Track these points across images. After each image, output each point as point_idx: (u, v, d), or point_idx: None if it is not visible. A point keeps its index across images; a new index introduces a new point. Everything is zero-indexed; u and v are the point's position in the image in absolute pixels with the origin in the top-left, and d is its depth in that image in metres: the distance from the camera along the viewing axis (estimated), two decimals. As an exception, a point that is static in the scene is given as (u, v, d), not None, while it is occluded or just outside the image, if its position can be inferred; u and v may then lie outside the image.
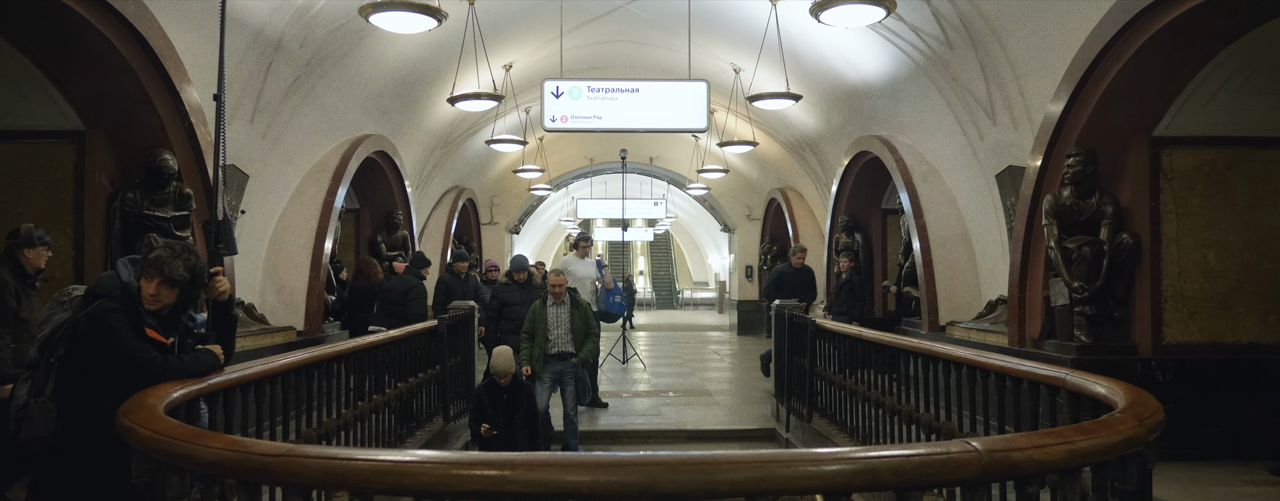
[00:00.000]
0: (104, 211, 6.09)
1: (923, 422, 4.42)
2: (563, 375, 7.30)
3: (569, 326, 7.37)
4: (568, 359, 7.30)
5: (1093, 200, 6.37)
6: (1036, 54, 6.89)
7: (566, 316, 7.40)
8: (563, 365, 7.29)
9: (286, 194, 9.12)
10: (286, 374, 3.78)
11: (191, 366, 3.01)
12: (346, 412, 4.06)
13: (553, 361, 7.28)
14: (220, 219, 3.32)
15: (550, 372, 7.27)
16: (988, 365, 3.74)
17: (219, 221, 3.30)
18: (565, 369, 7.30)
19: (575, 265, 9.41)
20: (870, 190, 11.72)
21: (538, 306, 7.38)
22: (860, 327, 6.16)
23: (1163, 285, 6.30)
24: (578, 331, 7.37)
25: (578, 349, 7.34)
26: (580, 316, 7.43)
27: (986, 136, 8.17)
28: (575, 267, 9.35)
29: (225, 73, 3.44)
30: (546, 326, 7.31)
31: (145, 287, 2.98)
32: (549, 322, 7.33)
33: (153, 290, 2.97)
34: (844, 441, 6.06)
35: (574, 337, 7.35)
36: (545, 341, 7.27)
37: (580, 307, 7.49)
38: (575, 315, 7.42)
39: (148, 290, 2.98)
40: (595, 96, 7.96)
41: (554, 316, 7.38)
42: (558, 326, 7.34)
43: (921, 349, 4.64)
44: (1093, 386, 2.73)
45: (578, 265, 9.43)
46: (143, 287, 2.98)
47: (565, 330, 7.34)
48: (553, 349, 7.28)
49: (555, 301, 7.40)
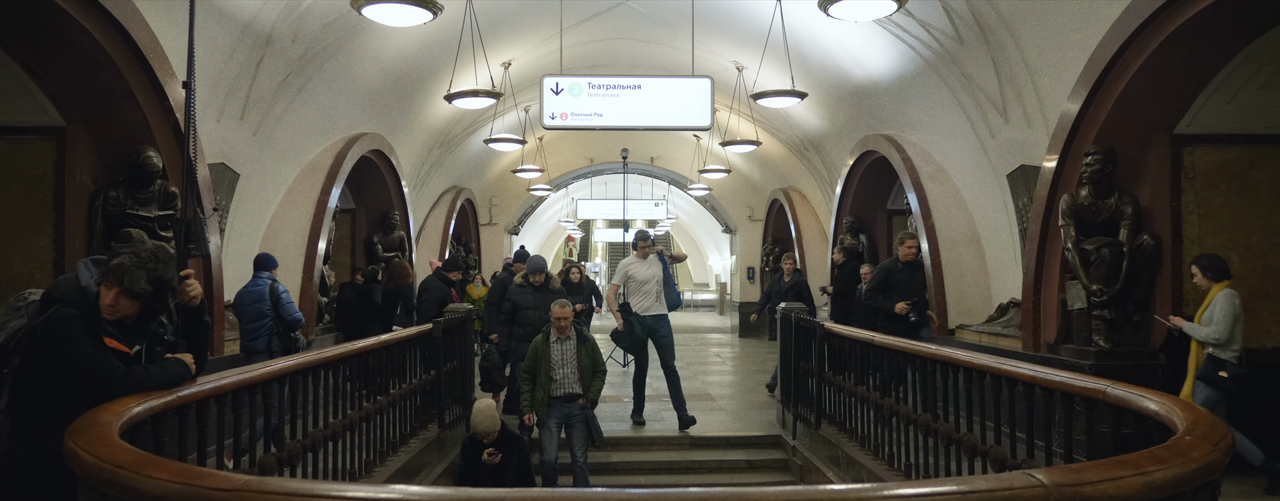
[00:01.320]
0: (86, 210, 5.87)
1: (942, 434, 4.20)
2: (571, 418, 6.58)
3: (576, 364, 6.62)
4: (575, 400, 6.59)
5: (1111, 200, 6.15)
6: (1052, 49, 6.67)
7: (573, 353, 6.64)
8: (570, 407, 6.57)
9: (279, 193, 8.90)
10: (267, 383, 3.54)
11: (158, 378, 2.77)
12: (315, 432, 3.74)
13: (558, 404, 6.56)
14: (190, 217, 3.08)
15: (556, 417, 6.56)
16: (1016, 374, 3.51)
17: (189, 219, 3.07)
18: (572, 411, 6.57)
19: (638, 268, 8.20)
20: (875, 190, 11.51)
21: (540, 342, 6.66)
22: (871, 332, 5.93)
23: (1184, 288, 6.08)
24: (585, 369, 6.63)
25: (586, 389, 6.63)
26: (588, 352, 6.70)
27: (998, 135, 7.95)
28: (637, 271, 8.19)
29: (195, 61, 3.20)
30: (550, 365, 6.57)
31: (103, 296, 2.74)
32: (553, 360, 6.59)
33: (110, 300, 2.73)
34: (854, 450, 5.84)
35: (582, 376, 6.62)
36: (548, 381, 6.55)
37: (588, 343, 6.75)
38: (582, 352, 6.67)
39: (105, 299, 2.74)
40: (596, 93, 7.74)
41: (559, 353, 6.62)
42: (564, 365, 6.61)
43: (940, 356, 4.41)
44: (1142, 402, 2.50)
45: (640, 268, 8.21)
46: (101, 295, 2.74)
47: (572, 368, 6.61)
48: (558, 390, 6.57)
49: (560, 336, 6.64)
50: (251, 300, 6.70)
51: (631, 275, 8.16)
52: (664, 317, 8.03)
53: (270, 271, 6.90)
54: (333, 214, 9.44)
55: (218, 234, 6.93)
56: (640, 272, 8.19)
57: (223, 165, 7.44)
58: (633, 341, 8.04)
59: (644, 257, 8.24)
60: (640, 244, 8.34)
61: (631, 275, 8.16)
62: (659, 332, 7.95)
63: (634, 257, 8.30)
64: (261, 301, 6.67)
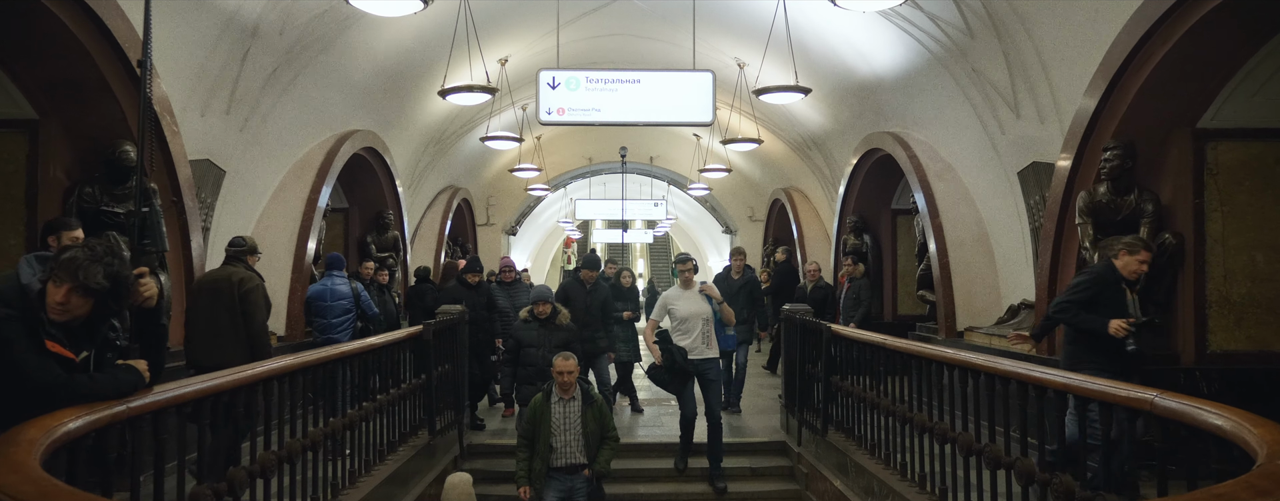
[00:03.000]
0: (60, 207, 5.61)
1: (961, 443, 3.94)
2: (573, 493, 5.63)
3: (581, 429, 5.61)
4: (579, 472, 5.61)
5: (1131, 197, 5.90)
6: (1067, 41, 6.43)
7: (578, 416, 5.61)
8: (572, 480, 5.61)
9: (267, 191, 8.65)
10: (235, 391, 3.27)
11: (106, 387, 2.50)
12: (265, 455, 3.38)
13: (559, 477, 5.60)
14: (144, 210, 2.82)
15: (556, 492, 5.60)
16: (1046, 381, 3.25)
17: (144, 212, 2.81)
18: (576, 485, 5.62)
19: (680, 302, 6.74)
20: (880, 189, 11.27)
21: (539, 402, 5.63)
22: (883, 335, 5.67)
23: (1207, 289, 5.84)
24: (591, 435, 5.62)
25: (591, 459, 5.67)
26: (595, 416, 5.66)
27: (1009, 131, 7.70)
28: (680, 305, 6.73)
29: (151, 39, 2.95)
30: (550, 429, 5.56)
31: (52, 294, 2.47)
32: (554, 424, 5.57)
33: (60, 298, 2.46)
34: (863, 457, 5.58)
35: (587, 444, 5.63)
36: (548, 450, 5.58)
37: (594, 404, 5.70)
38: (588, 415, 5.63)
39: (54, 297, 2.46)
40: (594, 87, 7.49)
41: (561, 416, 5.60)
42: (566, 430, 5.58)
43: (959, 360, 4.15)
44: (1204, 416, 2.24)
45: (682, 302, 6.74)
46: (48, 293, 2.47)
47: (576, 434, 5.59)
48: (559, 460, 5.59)
49: (563, 395, 5.63)
50: (334, 298, 7.48)
51: (672, 310, 6.73)
52: (714, 362, 6.76)
53: (340, 270, 7.68)
54: (324, 213, 9.20)
55: (201, 232, 6.68)
56: (682, 307, 6.71)
57: (208, 162, 7.19)
58: (674, 376, 6.70)
59: (686, 286, 6.80)
60: (681, 268, 6.88)
61: (672, 310, 6.73)
62: (708, 375, 6.71)
63: (675, 288, 6.89)
64: (345, 298, 7.49)
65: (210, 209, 7.37)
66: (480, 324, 7.94)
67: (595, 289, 7.87)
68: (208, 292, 5.42)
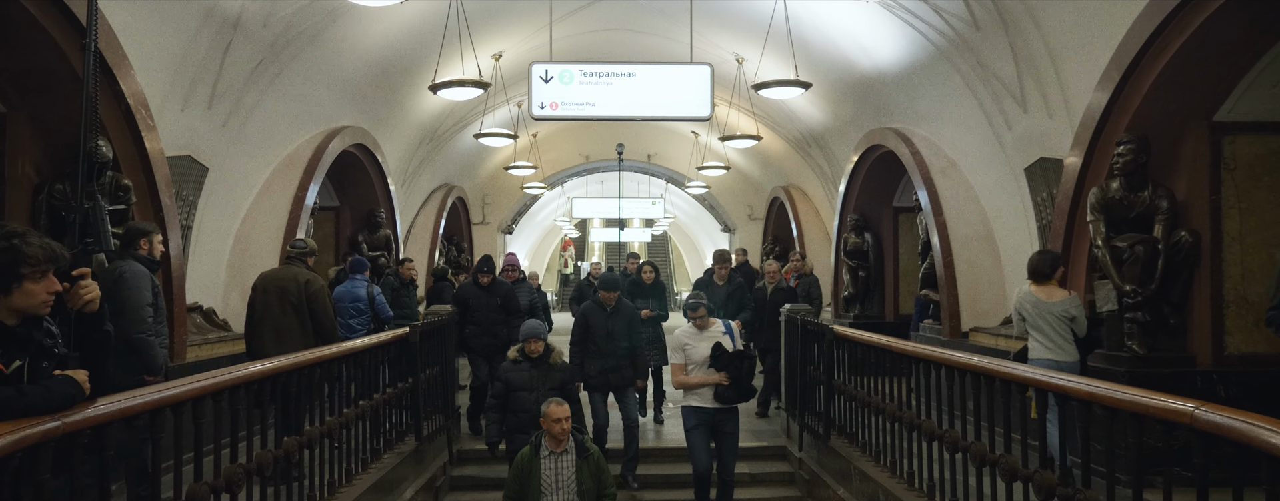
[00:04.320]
0: (29, 204, 5.38)
1: (973, 452, 3.71)
2: None
3: (575, 487, 4.97)
4: None
5: (1145, 193, 5.66)
6: (1077, 32, 6.21)
7: (571, 472, 4.98)
8: None
9: (253, 188, 8.41)
10: (198, 400, 3.02)
11: (37, 400, 2.24)
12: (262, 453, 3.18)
13: None
14: (87, 206, 2.59)
15: None
16: (1072, 390, 3.01)
17: (85, 208, 2.57)
18: None
19: (695, 346, 5.85)
20: (882, 187, 11.06)
21: (526, 457, 5.04)
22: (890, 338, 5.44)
23: (1224, 289, 5.60)
24: (587, 493, 5.02)
25: None
26: (591, 471, 5.05)
27: (1015, 126, 7.48)
28: (695, 349, 5.84)
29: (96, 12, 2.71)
30: (539, 487, 4.94)
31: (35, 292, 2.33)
32: (544, 481, 4.94)
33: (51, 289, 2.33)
34: (867, 464, 5.36)
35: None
36: None
37: (590, 457, 5.09)
38: (584, 471, 5.01)
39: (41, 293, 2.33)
40: (588, 81, 7.25)
41: (552, 473, 4.97)
42: (558, 488, 4.95)
43: (973, 366, 3.93)
44: (1264, 435, 1.97)
45: (696, 345, 5.85)
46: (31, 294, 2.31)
47: (569, 493, 4.97)
48: None
49: (554, 448, 5.01)
50: (351, 300, 7.81)
51: (687, 353, 5.86)
52: (733, 414, 5.94)
53: (362, 274, 8.04)
54: (312, 211, 8.98)
55: (180, 230, 6.45)
56: (698, 350, 5.80)
57: (189, 158, 6.96)
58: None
59: (702, 328, 5.89)
60: (693, 315, 5.91)
61: (687, 353, 5.86)
62: (725, 428, 5.88)
63: (689, 327, 5.95)
64: (360, 300, 7.81)
65: (192, 206, 7.14)
66: (492, 326, 7.48)
67: (617, 312, 6.79)
68: (274, 291, 5.79)
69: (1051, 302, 5.20)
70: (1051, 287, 5.29)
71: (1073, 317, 5.18)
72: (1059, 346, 5.14)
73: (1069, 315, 5.17)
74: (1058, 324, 5.15)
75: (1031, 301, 5.25)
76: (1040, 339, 5.18)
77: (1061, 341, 5.15)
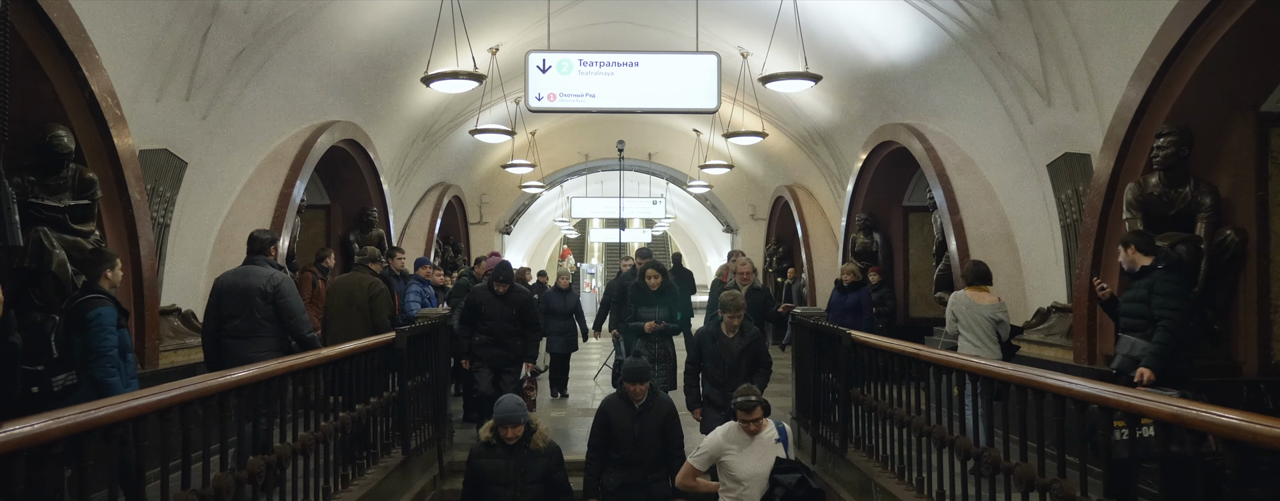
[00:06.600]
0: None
1: (1018, 474, 3.32)
2: None
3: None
4: None
5: (1186, 189, 5.29)
6: (1108, 19, 5.82)
7: None
8: None
9: (236, 185, 8.02)
10: (138, 420, 2.61)
11: None
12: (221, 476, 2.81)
13: None
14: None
15: None
16: (1140, 408, 2.63)
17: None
18: None
19: (738, 458, 4.53)
20: (892, 185, 10.71)
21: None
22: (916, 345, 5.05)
23: (1272, 292, 5.23)
24: None
25: None
26: None
27: (1037, 120, 7.09)
28: (739, 462, 4.54)
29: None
30: None
31: None
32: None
33: None
34: (889, 481, 4.97)
35: None
36: None
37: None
38: None
39: None
40: (588, 71, 6.85)
41: None
42: None
43: (1017, 377, 3.54)
44: None
45: (743, 458, 4.54)
46: None
47: None
48: None
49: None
50: None
51: (727, 464, 4.52)
52: None
53: None
54: (298, 208, 8.58)
55: (153, 227, 6.05)
56: (744, 465, 4.48)
57: (165, 151, 6.57)
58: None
59: (752, 432, 4.48)
60: (744, 418, 4.43)
61: (727, 464, 4.52)
62: None
63: (732, 430, 4.56)
64: None
65: (170, 203, 6.75)
66: (505, 336, 6.83)
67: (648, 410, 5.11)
68: (343, 295, 6.41)
69: (982, 306, 5.74)
70: (983, 293, 5.83)
71: (999, 321, 5.75)
72: (985, 345, 5.63)
73: (996, 318, 5.73)
74: (986, 325, 5.69)
75: (965, 303, 5.78)
76: (970, 338, 5.67)
77: (988, 341, 5.66)
